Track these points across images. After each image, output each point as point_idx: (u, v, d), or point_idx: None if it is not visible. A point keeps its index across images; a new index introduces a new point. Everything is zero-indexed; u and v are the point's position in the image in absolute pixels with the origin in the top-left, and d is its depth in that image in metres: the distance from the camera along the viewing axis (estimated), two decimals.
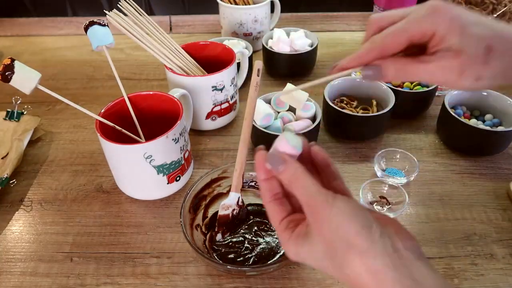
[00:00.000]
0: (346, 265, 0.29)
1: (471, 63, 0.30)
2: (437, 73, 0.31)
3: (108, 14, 0.58)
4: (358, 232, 0.28)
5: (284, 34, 0.84)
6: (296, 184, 0.31)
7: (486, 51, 0.30)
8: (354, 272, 0.28)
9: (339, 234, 0.29)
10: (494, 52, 0.30)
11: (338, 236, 0.29)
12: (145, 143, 0.51)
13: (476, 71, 0.30)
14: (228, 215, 0.51)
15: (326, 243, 0.30)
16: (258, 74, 0.49)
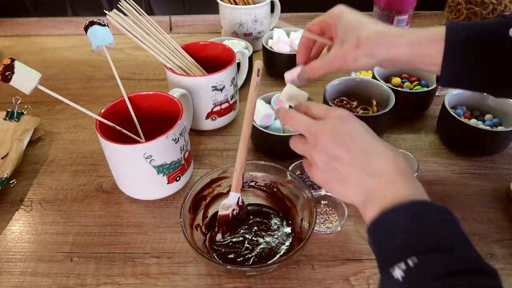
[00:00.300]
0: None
1: (349, 48, 0.44)
2: (333, 61, 0.46)
3: (108, 14, 0.58)
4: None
5: (284, 34, 0.84)
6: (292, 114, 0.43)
7: (356, 40, 0.44)
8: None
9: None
10: (361, 40, 0.43)
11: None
12: (145, 143, 0.51)
13: (352, 54, 0.44)
14: (228, 215, 0.51)
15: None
16: (258, 74, 0.49)
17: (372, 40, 0.43)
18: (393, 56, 0.43)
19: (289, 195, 0.54)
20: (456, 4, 0.91)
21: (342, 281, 0.48)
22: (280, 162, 0.54)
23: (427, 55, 0.42)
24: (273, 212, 0.55)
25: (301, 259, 0.50)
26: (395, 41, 0.43)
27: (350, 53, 0.44)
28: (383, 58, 0.44)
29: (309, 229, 0.47)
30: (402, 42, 0.43)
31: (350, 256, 0.51)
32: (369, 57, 0.44)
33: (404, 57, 0.43)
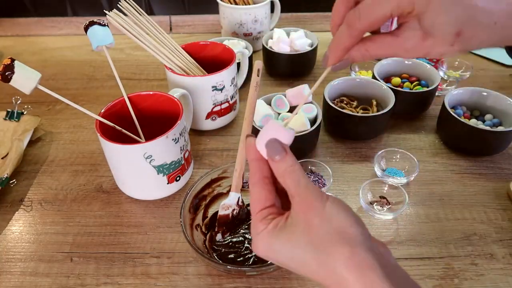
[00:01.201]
0: (332, 258, 0.28)
1: (438, 44, 0.31)
2: (402, 54, 0.32)
3: (108, 14, 0.58)
4: (352, 225, 0.29)
5: (284, 34, 0.84)
6: (291, 175, 0.31)
7: (455, 37, 0.30)
8: (340, 265, 0.27)
9: (332, 224, 0.29)
10: (462, 36, 0.30)
11: (330, 227, 0.28)
12: (145, 143, 0.51)
13: (439, 52, 0.31)
14: (228, 215, 0.51)
15: (313, 234, 0.28)
16: (258, 74, 0.49)
17: (478, 37, 0.30)
18: (497, 46, 0.32)
19: None
20: None
21: None
22: None
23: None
24: None
25: None
26: (508, 28, 0.30)
27: (438, 50, 0.31)
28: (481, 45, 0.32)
29: None
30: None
31: None
32: (461, 52, 0.32)
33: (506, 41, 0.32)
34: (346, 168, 0.63)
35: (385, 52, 0.32)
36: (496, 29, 0.30)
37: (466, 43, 0.30)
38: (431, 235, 0.53)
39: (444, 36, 0.30)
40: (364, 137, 0.68)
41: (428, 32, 0.30)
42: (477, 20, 0.30)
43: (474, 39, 0.30)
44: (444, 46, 0.31)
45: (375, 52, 0.33)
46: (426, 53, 0.32)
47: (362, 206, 0.56)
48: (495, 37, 0.31)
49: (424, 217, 0.55)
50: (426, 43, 0.31)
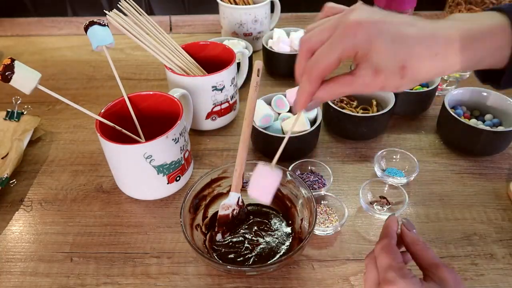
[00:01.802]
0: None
1: (389, 78, 0.34)
2: (362, 90, 0.36)
3: (108, 14, 0.58)
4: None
5: (284, 34, 0.84)
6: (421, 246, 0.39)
7: (401, 70, 0.33)
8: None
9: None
10: (408, 69, 0.33)
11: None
12: (145, 143, 0.51)
13: (394, 84, 0.34)
14: (228, 215, 0.51)
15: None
16: (258, 74, 0.49)
17: (423, 69, 0.34)
18: (449, 73, 0.36)
19: (289, 195, 0.54)
20: (456, 4, 0.91)
21: (342, 281, 0.48)
22: (280, 162, 0.54)
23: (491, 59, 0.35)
24: (273, 212, 0.55)
25: (301, 259, 0.50)
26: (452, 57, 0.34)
27: (390, 83, 0.34)
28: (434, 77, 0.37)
29: (309, 229, 0.47)
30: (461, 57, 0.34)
31: (350, 256, 0.51)
32: (414, 84, 0.35)
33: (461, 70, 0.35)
34: (346, 168, 0.63)
35: (347, 90, 0.36)
36: (439, 60, 0.34)
37: (415, 75, 0.34)
38: (431, 235, 0.53)
39: (391, 71, 0.33)
40: (364, 137, 0.68)
41: (377, 69, 0.33)
42: (417, 54, 0.33)
43: (422, 71, 0.34)
44: (395, 79, 0.34)
45: (338, 91, 0.36)
46: (382, 87, 0.35)
47: (362, 206, 0.56)
48: (444, 66, 0.34)
49: (424, 217, 0.55)
50: (379, 78, 0.34)
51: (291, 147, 0.61)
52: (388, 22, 0.33)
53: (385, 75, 0.34)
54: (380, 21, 0.33)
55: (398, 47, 0.33)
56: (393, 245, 0.40)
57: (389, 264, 0.37)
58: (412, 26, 0.34)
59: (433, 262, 0.38)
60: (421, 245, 0.40)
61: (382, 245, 0.40)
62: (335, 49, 0.34)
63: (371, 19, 0.33)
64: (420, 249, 0.40)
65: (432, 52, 0.33)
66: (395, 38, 0.33)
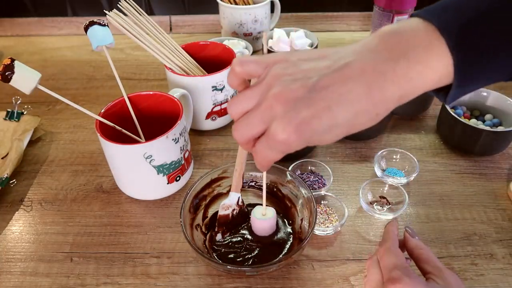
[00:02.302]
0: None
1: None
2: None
3: (108, 14, 0.58)
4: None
5: (284, 34, 0.84)
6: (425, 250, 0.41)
7: (339, 137, 0.31)
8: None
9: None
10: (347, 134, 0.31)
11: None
12: (145, 143, 0.51)
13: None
14: (228, 215, 0.51)
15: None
16: None
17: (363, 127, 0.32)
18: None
19: (289, 195, 0.54)
20: None
21: (342, 281, 0.48)
22: (280, 162, 0.54)
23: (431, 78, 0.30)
24: None
25: (301, 259, 0.50)
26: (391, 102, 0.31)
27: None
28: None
29: (309, 229, 0.47)
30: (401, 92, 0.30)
31: (350, 256, 0.51)
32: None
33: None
34: (346, 168, 0.63)
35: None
36: (381, 116, 0.31)
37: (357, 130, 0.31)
38: (431, 235, 0.53)
39: (331, 141, 0.31)
40: (364, 137, 0.68)
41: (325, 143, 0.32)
42: (358, 123, 0.30)
43: (364, 127, 0.31)
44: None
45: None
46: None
47: (362, 206, 0.56)
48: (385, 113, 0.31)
49: (424, 217, 0.55)
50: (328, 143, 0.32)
51: None
52: (317, 108, 0.29)
53: (334, 141, 0.31)
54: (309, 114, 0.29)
55: (336, 131, 0.30)
56: (397, 247, 0.41)
57: (394, 264, 0.38)
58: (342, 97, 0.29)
59: (437, 266, 0.39)
60: (425, 250, 0.41)
61: (385, 247, 0.40)
62: (275, 153, 0.33)
63: (298, 118, 0.29)
64: (424, 253, 0.40)
65: (370, 116, 0.31)
66: (330, 127, 0.30)
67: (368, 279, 0.40)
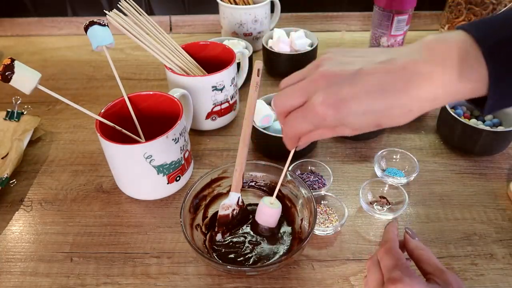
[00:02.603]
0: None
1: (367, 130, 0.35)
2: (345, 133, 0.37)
3: (108, 14, 0.58)
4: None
5: (284, 34, 0.84)
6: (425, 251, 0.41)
7: (376, 127, 0.34)
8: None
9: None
10: (383, 125, 0.34)
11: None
12: (145, 143, 0.51)
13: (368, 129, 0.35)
14: (228, 215, 0.51)
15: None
16: (258, 74, 0.49)
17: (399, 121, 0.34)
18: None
19: (289, 195, 0.54)
20: (456, 4, 0.91)
21: (342, 281, 0.48)
22: (280, 162, 0.54)
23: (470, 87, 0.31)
24: None
25: (301, 259, 0.50)
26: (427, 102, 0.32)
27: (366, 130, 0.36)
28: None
29: (309, 229, 0.47)
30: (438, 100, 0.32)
31: (350, 256, 0.51)
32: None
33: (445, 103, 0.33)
34: (346, 168, 0.63)
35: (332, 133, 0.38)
36: (413, 113, 0.33)
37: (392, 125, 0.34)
38: (431, 235, 0.53)
39: (367, 129, 0.35)
40: (364, 137, 0.68)
41: (354, 129, 0.35)
42: (391, 116, 0.33)
43: (399, 123, 0.33)
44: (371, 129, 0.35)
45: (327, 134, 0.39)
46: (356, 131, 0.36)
47: (362, 206, 0.56)
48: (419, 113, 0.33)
49: (424, 217, 0.55)
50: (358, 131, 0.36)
51: None
52: (358, 90, 0.32)
53: (363, 130, 0.35)
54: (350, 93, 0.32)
55: (369, 117, 0.33)
56: (397, 247, 0.41)
57: (395, 264, 0.38)
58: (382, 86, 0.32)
59: (438, 267, 0.39)
60: (425, 250, 0.41)
61: (386, 248, 0.40)
62: (306, 125, 0.35)
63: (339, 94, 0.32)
64: (424, 254, 0.40)
65: (406, 109, 0.32)
66: (366, 110, 0.33)
67: (369, 279, 0.40)
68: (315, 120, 0.34)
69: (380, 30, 0.86)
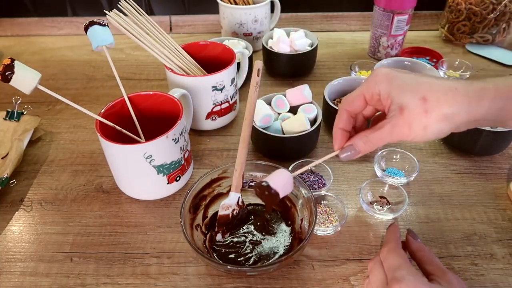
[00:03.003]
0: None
1: (414, 114, 0.36)
2: (393, 133, 0.37)
3: (108, 14, 0.58)
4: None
5: (284, 34, 0.84)
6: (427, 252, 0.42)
7: (422, 102, 0.35)
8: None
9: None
10: (429, 101, 0.35)
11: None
12: (145, 143, 0.51)
13: (420, 121, 0.36)
14: (228, 215, 0.51)
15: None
16: (258, 74, 0.49)
17: (444, 101, 0.35)
18: (474, 117, 0.36)
19: (289, 195, 0.54)
20: (456, 4, 0.91)
21: (342, 281, 0.48)
22: (280, 162, 0.54)
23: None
24: (273, 212, 0.55)
25: (301, 259, 0.50)
26: (474, 98, 0.35)
27: (417, 120, 0.36)
28: (462, 121, 0.36)
29: (309, 229, 0.47)
30: (483, 98, 0.35)
31: (350, 256, 0.51)
32: (443, 123, 0.36)
33: (489, 116, 0.36)
34: (346, 168, 0.63)
35: (379, 134, 0.38)
36: (459, 95, 0.35)
37: (437, 108, 0.35)
38: (431, 235, 0.53)
39: (412, 103, 0.36)
40: None
41: (401, 106, 0.36)
42: (436, 88, 0.36)
43: (443, 104, 0.35)
44: (420, 115, 0.36)
45: (372, 136, 0.39)
46: (409, 126, 0.36)
47: (362, 206, 0.56)
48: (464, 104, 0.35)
49: (424, 217, 0.55)
50: (404, 115, 0.36)
51: (291, 147, 0.61)
52: (408, 72, 0.38)
53: (409, 110, 0.36)
54: (400, 71, 0.38)
55: (416, 84, 0.36)
56: (400, 248, 0.41)
57: (398, 264, 0.38)
58: (432, 75, 0.37)
59: (440, 268, 0.39)
60: (427, 252, 0.41)
61: (389, 248, 0.40)
62: (359, 89, 0.40)
63: (392, 70, 0.38)
64: (427, 255, 0.41)
65: (452, 86, 0.35)
66: (413, 78, 0.37)
67: (371, 280, 0.40)
68: (368, 82, 0.39)
69: (380, 30, 0.86)
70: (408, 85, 0.36)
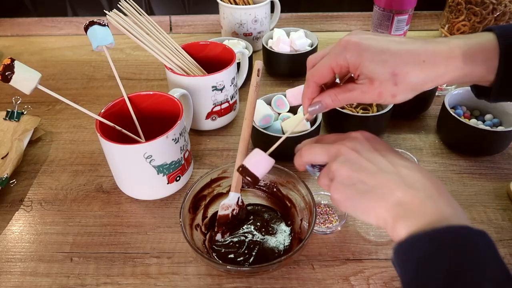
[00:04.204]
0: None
1: (384, 85, 0.37)
2: (362, 97, 0.39)
3: (108, 14, 0.58)
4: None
5: (284, 34, 0.84)
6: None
7: (392, 76, 0.37)
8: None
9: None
10: (399, 75, 0.37)
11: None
12: (145, 143, 0.51)
13: (389, 91, 0.38)
14: (228, 215, 0.51)
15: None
16: (258, 74, 0.49)
17: (413, 74, 0.37)
18: (441, 82, 0.38)
19: (289, 195, 0.54)
20: (456, 4, 0.91)
21: (342, 281, 0.48)
22: (280, 162, 0.54)
23: (479, 70, 0.37)
24: (273, 212, 0.55)
25: (301, 259, 0.50)
26: (441, 67, 0.37)
27: (386, 90, 0.38)
28: (429, 87, 0.38)
29: (309, 229, 0.47)
30: (449, 66, 0.37)
31: (350, 256, 0.51)
32: (411, 92, 0.38)
33: (456, 80, 0.38)
34: None
35: (348, 96, 0.40)
36: (427, 67, 0.37)
37: (407, 81, 0.37)
38: None
39: (383, 78, 0.37)
40: None
41: (371, 78, 0.37)
42: (405, 61, 0.37)
43: (412, 76, 0.37)
44: (390, 86, 0.37)
45: (341, 97, 0.40)
46: (379, 95, 0.38)
47: None
48: (433, 74, 0.37)
49: None
50: (375, 85, 0.38)
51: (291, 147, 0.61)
52: (378, 39, 0.38)
53: (379, 81, 0.37)
54: (370, 39, 0.38)
55: (387, 57, 0.37)
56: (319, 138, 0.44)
57: (334, 139, 0.41)
58: (401, 42, 0.38)
59: (340, 135, 0.41)
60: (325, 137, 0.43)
61: (310, 142, 0.44)
62: (328, 60, 0.39)
63: (362, 38, 0.38)
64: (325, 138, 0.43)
65: (419, 59, 0.37)
66: (383, 50, 0.37)
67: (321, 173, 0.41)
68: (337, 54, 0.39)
69: (380, 30, 0.86)
70: (379, 58, 0.37)
